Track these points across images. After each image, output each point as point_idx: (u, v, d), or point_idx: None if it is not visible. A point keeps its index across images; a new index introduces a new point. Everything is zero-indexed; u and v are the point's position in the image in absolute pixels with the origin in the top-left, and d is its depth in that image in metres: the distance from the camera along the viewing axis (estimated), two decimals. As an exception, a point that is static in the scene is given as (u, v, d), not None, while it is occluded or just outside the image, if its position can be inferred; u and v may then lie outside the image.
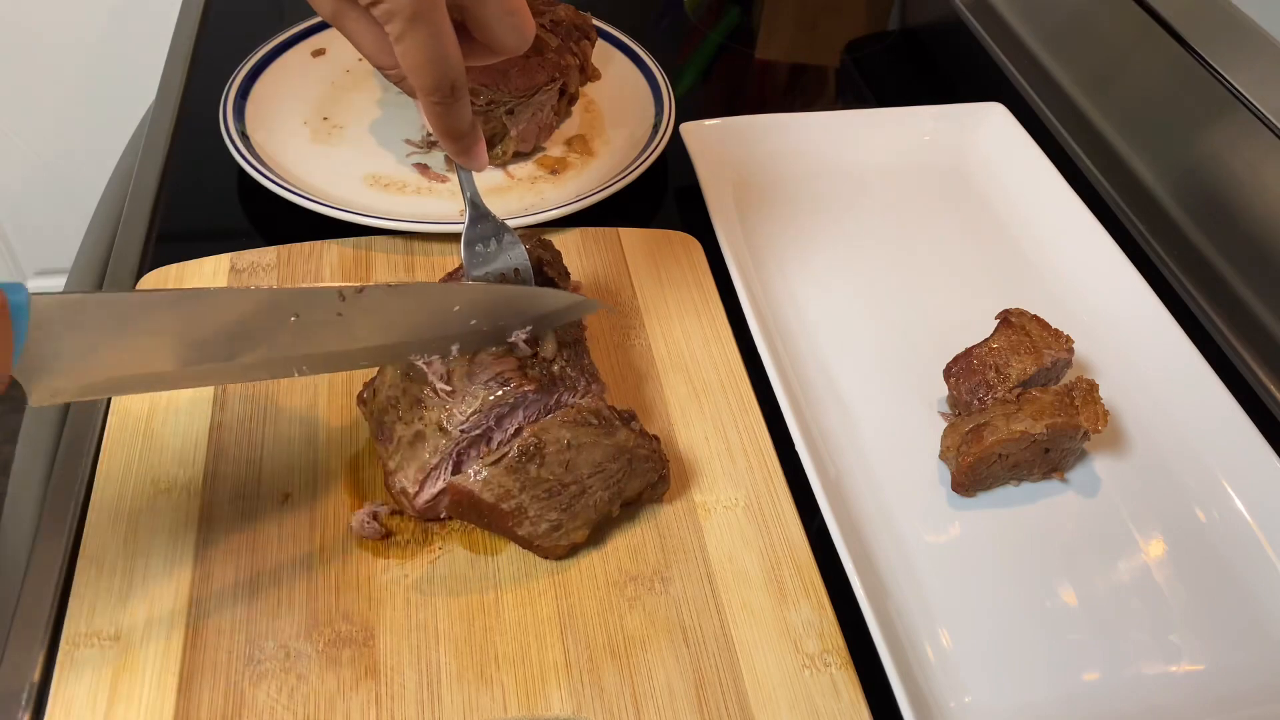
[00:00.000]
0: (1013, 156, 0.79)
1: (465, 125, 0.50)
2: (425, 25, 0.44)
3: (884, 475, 0.58)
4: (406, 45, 0.45)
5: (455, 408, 0.51)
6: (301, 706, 0.46)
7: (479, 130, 0.51)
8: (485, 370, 0.51)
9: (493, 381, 0.51)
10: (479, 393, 0.51)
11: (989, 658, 0.51)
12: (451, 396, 0.51)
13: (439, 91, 0.47)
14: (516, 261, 0.55)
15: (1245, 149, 0.72)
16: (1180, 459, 0.61)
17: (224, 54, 0.81)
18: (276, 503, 0.53)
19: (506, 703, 0.47)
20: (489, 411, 0.51)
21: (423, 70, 0.46)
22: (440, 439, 0.51)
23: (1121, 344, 0.66)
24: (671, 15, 1.01)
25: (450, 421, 0.50)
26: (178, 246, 0.68)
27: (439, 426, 0.51)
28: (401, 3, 0.43)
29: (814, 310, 0.68)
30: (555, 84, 0.74)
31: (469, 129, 0.50)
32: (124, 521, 0.52)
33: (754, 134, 0.78)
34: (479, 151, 0.52)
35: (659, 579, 0.52)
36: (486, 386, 0.51)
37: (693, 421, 0.59)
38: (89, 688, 0.46)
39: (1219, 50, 0.76)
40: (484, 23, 0.47)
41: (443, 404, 0.51)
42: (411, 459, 0.51)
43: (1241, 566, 0.56)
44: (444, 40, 0.45)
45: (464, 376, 0.51)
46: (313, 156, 0.75)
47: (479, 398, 0.51)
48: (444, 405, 0.51)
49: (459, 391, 0.51)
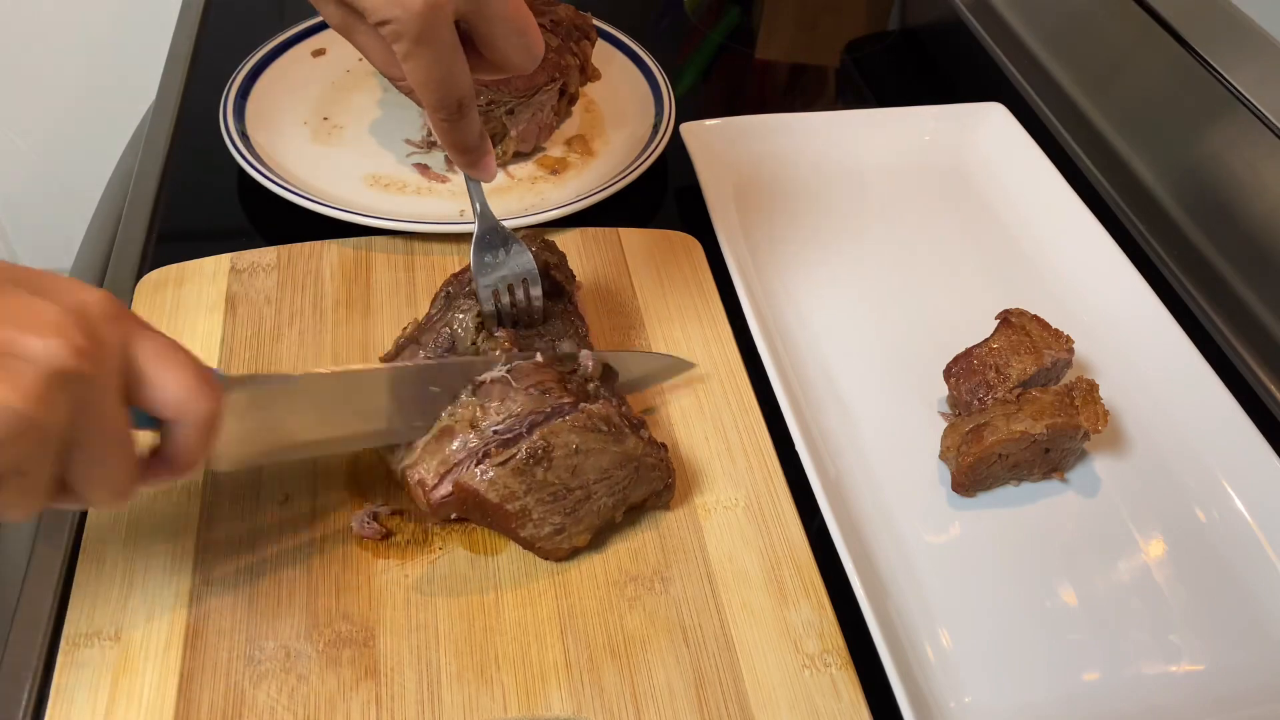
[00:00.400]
0: (1013, 156, 0.79)
1: (473, 139, 0.50)
2: (431, 46, 0.44)
3: (884, 475, 0.58)
4: (413, 65, 0.45)
5: (490, 407, 0.50)
6: (301, 706, 0.46)
7: (488, 142, 0.51)
8: (526, 377, 0.51)
9: (533, 388, 0.51)
10: (517, 397, 0.51)
11: (989, 658, 0.51)
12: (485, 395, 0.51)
13: (445, 109, 0.47)
14: (524, 268, 0.56)
15: (1245, 149, 0.72)
16: (1180, 459, 0.61)
17: (224, 54, 0.81)
18: (276, 503, 0.53)
19: (506, 703, 0.47)
20: (524, 417, 0.50)
21: (429, 89, 0.46)
22: (470, 436, 0.50)
23: (1121, 344, 0.66)
24: (671, 15, 1.01)
25: (484, 421, 0.50)
26: (178, 246, 0.68)
27: (471, 424, 0.50)
28: (407, 24, 0.43)
29: (814, 310, 0.68)
30: (555, 84, 0.74)
31: (477, 142, 0.50)
32: (124, 521, 0.52)
33: (754, 134, 0.78)
34: (488, 163, 0.52)
35: (659, 579, 0.52)
36: (526, 393, 0.51)
37: (693, 422, 0.59)
38: (89, 688, 0.46)
39: (1219, 50, 0.76)
40: (492, 41, 0.47)
41: (478, 403, 0.51)
42: (435, 452, 0.50)
43: (1241, 566, 0.56)
44: (451, 59, 0.45)
45: (502, 378, 0.51)
46: (313, 156, 0.75)
47: (517, 402, 0.50)
48: (479, 404, 0.51)
49: (494, 391, 0.51)
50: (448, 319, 0.55)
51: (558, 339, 0.57)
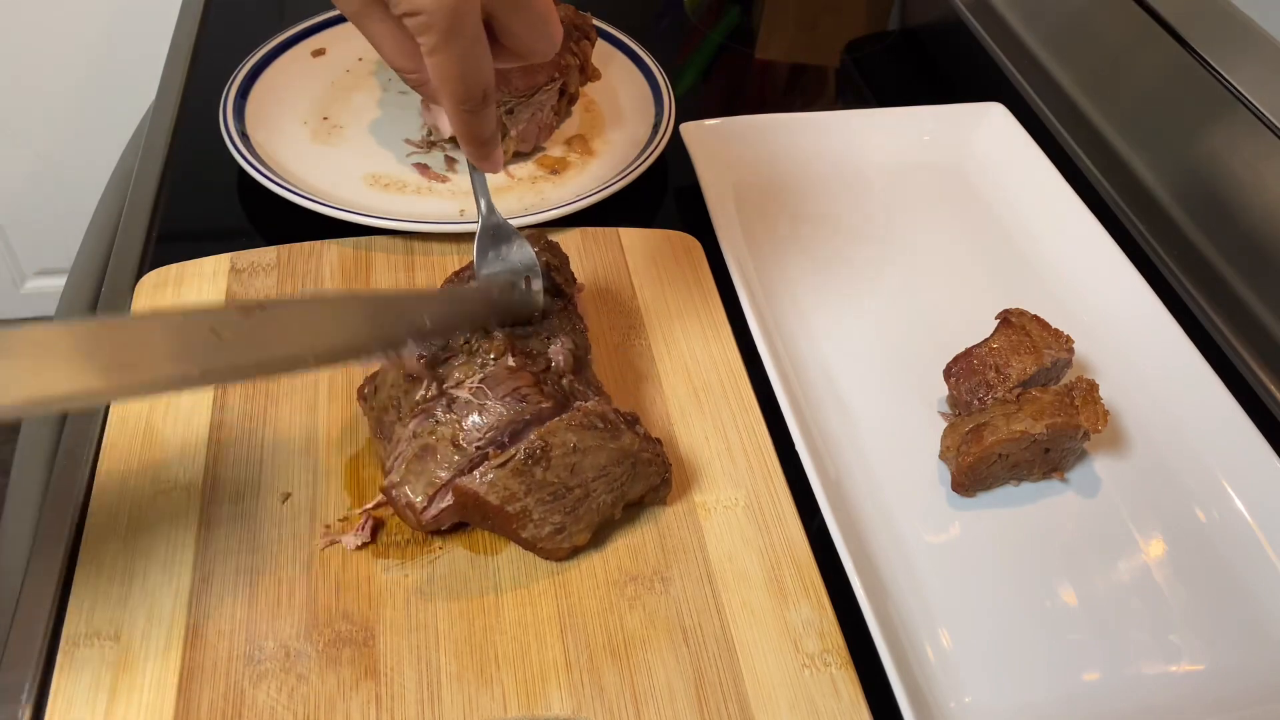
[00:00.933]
0: (1013, 156, 0.79)
1: (490, 131, 0.49)
2: (462, 39, 0.43)
3: (884, 475, 0.58)
4: (441, 59, 0.44)
5: (470, 423, 0.50)
6: (301, 706, 0.46)
7: (499, 135, 0.51)
8: (501, 385, 0.51)
9: (509, 397, 0.51)
10: (495, 409, 0.50)
11: (989, 658, 0.51)
12: (464, 410, 0.50)
13: (471, 101, 0.46)
14: (525, 263, 0.56)
15: (1245, 149, 0.72)
16: (1180, 459, 0.61)
17: (224, 54, 0.81)
18: (276, 503, 0.53)
19: (506, 703, 0.47)
20: (505, 429, 0.50)
21: (455, 83, 0.45)
22: (453, 454, 0.50)
23: (1121, 344, 0.66)
24: (671, 15, 1.01)
25: (465, 439, 0.50)
26: (178, 246, 0.68)
27: (453, 443, 0.50)
28: (438, 16, 0.42)
29: (814, 310, 0.68)
30: (555, 84, 0.75)
31: (492, 134, 0.50)
32: (124, 522, 0.52)
33: (754, 134, 0.78)
34: (498, 156, 0.51)
35: (659, 579, 0.52)
36: (503, 403, 0.50)
37: (693, 422, 0.59)
38: (89, 688, 0.46)
39: (1219, 50, 0.76)
40: (515, 31, 0.46)
41: (456, 419, 0.50)
42: (419, 473, 0.50)
43: (1241, 566, 0.56)
44: (479, 53, 0.45)
45: (476, 389, 0.51)
46: (313, 156, 0.75)
47: (496, 414, 0.50)
48: (457, 420, 0.50)
49: (472, 405, 0.50)
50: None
51: (552, 335, 0.56)
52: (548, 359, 0.54)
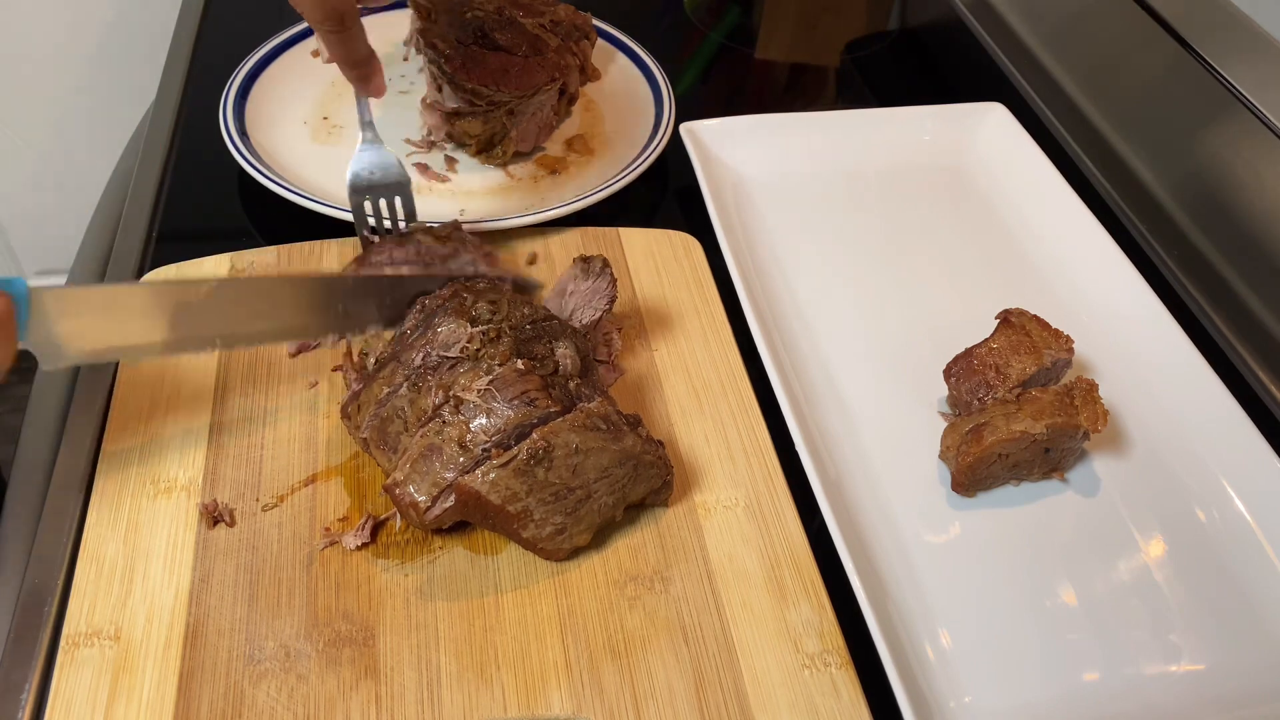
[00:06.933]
0: (1013, 156, 0.79)
1: (362, 54, 0.57)
2: None
3: (884, 475, 0.58)
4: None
5: (477, 425, 0.50)
6: (301, 706, 0.46)
7: (376, 59, 0.58)
8: (509, 387, 0.51)
9: (517, 400, 0.51)
10: (504, 411, 0.50)
11: (989, 657, 0.51)
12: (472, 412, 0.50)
13: (330, 21, 0.54)
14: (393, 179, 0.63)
15: (1245, 149, 0.72)
16: (1180, 459, 0.61)
17: (224, 54, 0.81)
18: (276, 503, 0.53)
19: (506, 703, 0.47)
20: (511, 431, 0.50)
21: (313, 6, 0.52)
22: (459, 455, 0.50)
23: (1121, 344, 0.66)
24: (671, 15, 1.01)
25: (473, 440, 0.50)
26: (178, 246, 0.68)
27: (459, 443, 0.50)
28: None
29: (814, 310, 0.68)
30: (555, 84, 0.74)
31: (366, 57, 0.57)
32: (124, 521, 0.52)
33: (754, 134, 0.78)
34: (379, 80, 0.59)
35: (659, 579, 0.52)
36: (511, 405, 0.50)
37: (693, 421, 0.59)
38: (89, 687, 0.46)
39: (1219, 50, 0.76)
40: None
41: (464, 420, 0.50)
42: (424, 472, 0.50)
43: (1241, 566, 0.56)
44: None
45: (485, 391, 0.51)
46: (313, 156, 0.75)
47: (503, 417, 0.50)
48: (464, 421, 0.50)
49: (480, 407, 0.50)
50: (429, 338, 0.54)
51: (555, 338, 0.57)
52: (555, 362, 0.54)
